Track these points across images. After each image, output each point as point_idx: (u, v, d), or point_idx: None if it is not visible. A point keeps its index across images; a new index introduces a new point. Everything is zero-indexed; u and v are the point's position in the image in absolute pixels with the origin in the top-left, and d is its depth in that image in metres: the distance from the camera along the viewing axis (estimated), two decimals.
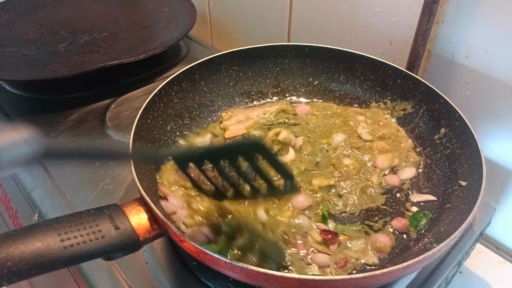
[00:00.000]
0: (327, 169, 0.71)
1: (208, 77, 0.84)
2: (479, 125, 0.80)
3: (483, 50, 0.75)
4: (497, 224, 0.85)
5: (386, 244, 0.59)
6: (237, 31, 1.31)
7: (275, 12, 1.14)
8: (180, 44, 1.20)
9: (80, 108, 0.94)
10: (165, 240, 0.66)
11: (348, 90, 0.88)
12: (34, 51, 1.03)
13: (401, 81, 0.80)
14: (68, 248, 0.44)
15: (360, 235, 0.61)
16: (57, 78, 0.90)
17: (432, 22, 0.77)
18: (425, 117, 0.77)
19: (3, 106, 0.97)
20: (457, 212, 0.58)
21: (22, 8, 1.24)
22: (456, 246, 0.65)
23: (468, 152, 0.64)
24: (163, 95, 0.75)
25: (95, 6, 1.27)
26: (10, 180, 0.84)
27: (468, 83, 0.80)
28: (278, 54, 0.88)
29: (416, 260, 0.47)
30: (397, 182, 0.69)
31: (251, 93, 0.89)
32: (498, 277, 0.77)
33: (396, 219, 0.63)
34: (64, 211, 0.72)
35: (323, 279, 0.47)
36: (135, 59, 0.94)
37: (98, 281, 0.62)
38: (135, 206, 0.53)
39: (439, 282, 0.61)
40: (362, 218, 0.64)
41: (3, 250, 0.41)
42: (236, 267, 0.46)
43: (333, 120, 0.81)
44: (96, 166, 0.79)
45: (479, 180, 0.57)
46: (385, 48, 0.92)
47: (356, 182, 0.68)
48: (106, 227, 0.48)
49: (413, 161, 0.72)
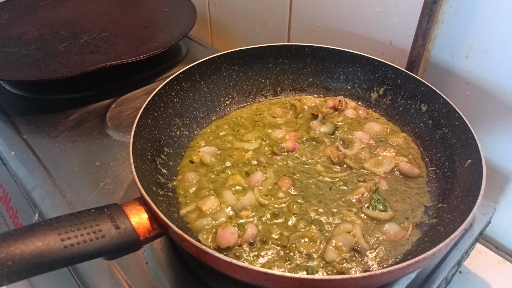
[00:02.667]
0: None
1: (208, 77, 0.84)
2: (479, 125, 0.80)
3: (483, 50, 0.75)
4: (496, 224, 0.85)
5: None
6: (237, 31, 1.32)
7: (275, 12, 1.14)
8: (180, 44, 1.20)
9: (80, 108, 0.95)
10: (165, 240, 0.66)
11: (348, 90, 0.88)
12: (34, 51, 1.03)
13: (401, 81, 0.81)
14: (69, 247, 0.44)
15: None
16: (57, 78, 0.90)
17: (432, 22, 0.78)
18: (425, 117, 0.77)
19: (3, 106, 0.97)
20: (457, 212, 0.58)
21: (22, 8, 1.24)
22: (456, 246, 0.65)
23: (468, 152, 0.64)
24: (163, 95, 0.75)
25: (95, 6, 1.27)
26: (10, 180, 0.84)
27: (468, 83, 0.80)
28: (278, 54, 0.88)
29: (416, 260, 0.47)
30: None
31: (251, 93, 0.89)
32: (498, 277, 0.77)
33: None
34: (64, 211, 0.72)
35: (323, 278, 0.47)
36: (135, 59, 0.94)
37: (98, 281, 0.62)
38: (135, 205, 0.53)
39: (439, 282, 0.61)
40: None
41: (3, 250, 0.41)
42: (236, 267, 0.46)
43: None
44: (97, 166, 0.79)
45: (479, 180, 0.57)
46: (385, 48, 0.92)
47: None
48: (106, 227, 0.48)
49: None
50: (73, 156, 0.82)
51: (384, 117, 0.83)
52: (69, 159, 0.82)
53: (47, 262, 0.43)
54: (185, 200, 0.66)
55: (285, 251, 0.58)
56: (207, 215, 0.63)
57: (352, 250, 0.58)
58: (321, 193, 0.67)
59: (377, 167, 0.72)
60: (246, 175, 0.70)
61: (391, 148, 0.75)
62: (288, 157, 0.73)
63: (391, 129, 0.80)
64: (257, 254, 0.58)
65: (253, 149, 0.75)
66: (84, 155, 0.82)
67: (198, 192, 0.67)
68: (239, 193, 0.66)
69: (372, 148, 0.76)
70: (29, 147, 0.85)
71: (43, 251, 0.42)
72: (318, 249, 0.59)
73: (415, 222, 0.63)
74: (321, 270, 0.56)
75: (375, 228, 0.62)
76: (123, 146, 0.84)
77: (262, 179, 0.68)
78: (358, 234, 0.60)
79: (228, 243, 0.58)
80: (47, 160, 0.82)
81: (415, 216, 0.64)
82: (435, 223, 0.62)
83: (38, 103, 0.98)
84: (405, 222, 0.63)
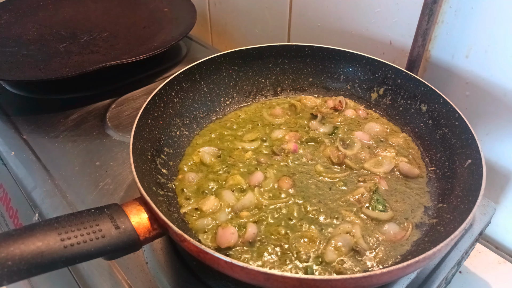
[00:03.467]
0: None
1: (208, 77, 0.84)
2: (479, 125, 0.80)
3: (483, 50, 0.75)
4: (496, 224, 0.85)
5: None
6: (237, 31, 1.32)
7: (275, 12, 1.14)
8: (180, 44, 1.20)
9: (81, 108, 0.95)
10: (165, 240, 0.66)
11: (348, 90, 0.88)
12: (34, 51, 1.03)
13: (401, 81, 0.81)
14: (69, 247, 0.44)
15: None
16: (57, 78, 0.90)
17: (432, 22, 0.78)
18: (425, 117, 0.77)
19: (3, 106, 0.97)
20: (457, 212, 0.58)
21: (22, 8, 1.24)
22: (456, 246, 0.65)
23: (468, 152, 0.64)
24: (163, 95, 0.75)
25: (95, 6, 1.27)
26: (10, 180, 0.85)
27: (468, 83, 0.80)
28: (278, 54, 0.88)
29: (416, 260, 0.47)
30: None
31: (251, 93, 0.89)
32: (497, 277, 0.77)
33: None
34: (64, 211, 0.72)
35: (323, 278, 0.47)
36: (135, 59, 0.94)
37: (98, 281, 0.62)
38: (135, 205, 0.53)
39: (439, 282, 0.61)
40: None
41: (3, 250, 0.41)
42: (236, 267, 0.46)
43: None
44: (97, 166, 0.79)
45: (479, 180, 0.57)
46: (385, 48, 0.92)
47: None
48: (106, 227, 0.48)
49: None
50: (73, 156, 0.82)
51: (384, 117, 0.83)
52: (69, 159, 0.82)
53: (47, 262, 0.43)
54: (185, 200, 0.66)
55: (285, 251, 0.58)
56: (207, 215, 0.63)
57: (351, 251, 0.58)
58: (321, 193, 0.67)
59: (377, 168, 0.72)
60: (246, 175, 0.70)
61: (391, 149, 0.75)
62: (288, 157, 0.73)
63: (391, 129, 0.80)
64: (257, 254, 0.58)
65: (253, 149, 0.75)
66: (84, 155, 0.82)
67: (198, 192, 0.67)
68: (239, 193, 0.66)
69: (372, 148, 0.76)
70: (29, 147, 0.85)
71: (43, 251, 0.42)
72: (317, 249, 0.59)
73: (414, 222, 0.63)
74: (321, 271, 0.56)
75: (375, 229, 0.62)
76: (123, 146, 0.84)
77: (262, 179, 0.68)
78: (357, 234, 0.60)
79: (228, 243, 0.58)
80: (47, 160, 0.82)
81: (415, 217, 0.64)
82: (435, 223, 0.62)
83: (38, 103, 0.98)
84: (405, 222, 0.63)
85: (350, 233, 0.60)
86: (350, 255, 0.58)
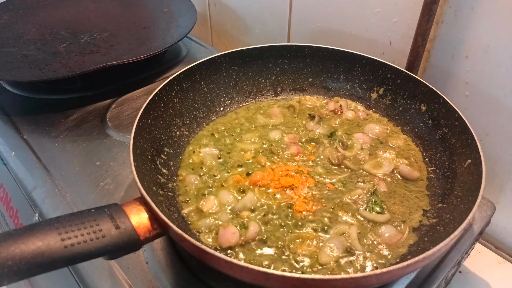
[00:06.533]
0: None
1: (208, 77, 0.84)
2: (479, 125, 0.80)
3: (483, 50, 0.75)
4: (496, 224, 0.85)
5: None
6: (237, 31, 1.32)
7: (275, 12, 1.14)
8: (180, 44, 1.20)
9: (81, 108, 0.95)
10: (165, 240, 0.66)
11: (347, 90, 0.88)
12: (34, 51, 1.03)
13: (401, 81, 0.81)
14: (69, 247, 0.44)
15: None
16: (58, 78, 0.90)
17: (431, 22, 0.78)
18: (425, 117, 0.77)
19: (4, 106, 0.98)
20: (457, 211, 0.59)
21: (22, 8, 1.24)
22: (455, 246, 0.65)
23: (468, 152, 0.64)
24: (164, 95, 0.75)
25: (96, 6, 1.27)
26: (10, 180, 0.85)
27: (467, 83, 0.80)
28: (278, 54, 0.88)
29: (416, 259, 0.47)
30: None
31: (251, 93, 0.89)
32: (497, 277, 0.77)
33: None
34: (64, 211, 0.72)
35: (323, 278, 0.47)
36: (136, 59, 0.94)
37: (98, 281, 0.62)
38: (135, 205, 0.53)
39: (438, 281, 0.61)
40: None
41: (4, 249, 0.41)
42: (236, 267, 0.46)
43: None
44: (97, 166, 0.80)
45: (478, 180, 0.57)
46: (385, 48, 0.92)
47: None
48: (106, 227, 0.48)
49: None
50: (74, 156, 0.82)
51: (384, 118, 0.83)
52: (69, 159, 0.82)
53: (47, 262, 0.43)
54: (185, 200, 0.66)
55: (282, 251, 0.58)
56: (207, 215, 0.63)
57: (346, 252, 0.58)
58: (320, 193, 0.67)
59: (376, 169, 0.71)
60: (246, 175, 0.70)
61: (391, 150, 0.75)
62: (288, 157, 0.73)
63: (391, 130, 0.80)
64: (257, 254, 0.58)
65: (253, 149, 0.75)
66: (84, 155, 0.82)
67: (198, 192, 0.67)
68: (240, 193, 0.66)
69: (372, 149, 0.76)
70: (29, 147, 0.85)
71: (43, 251, 0.42)
72: (313, 250, 0.59)
73: (412, 225, 0.62)
74: (315, 271, 0.56)
75: (371, 230, 0.62)
76: (123, 146, 0.84)
77: (262, 179, 0.68)
78: (353, 235, 0.60)
79: (229, 243, 0.58)
80: (47, 160, 0.82)
81: (413, 220, 0.63)
82: (434, 223, 0.62)
83: (38, 103, 0.98)
84: (402, 225, 0.62)
85: (346, 234, 0.60)
86: (344, 256, 0.58)
